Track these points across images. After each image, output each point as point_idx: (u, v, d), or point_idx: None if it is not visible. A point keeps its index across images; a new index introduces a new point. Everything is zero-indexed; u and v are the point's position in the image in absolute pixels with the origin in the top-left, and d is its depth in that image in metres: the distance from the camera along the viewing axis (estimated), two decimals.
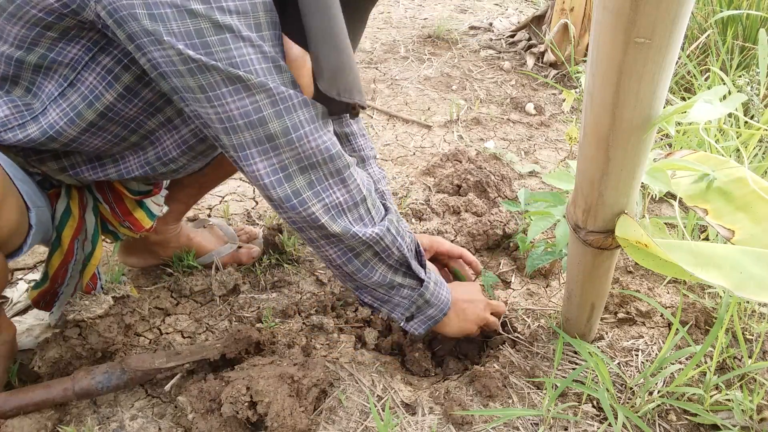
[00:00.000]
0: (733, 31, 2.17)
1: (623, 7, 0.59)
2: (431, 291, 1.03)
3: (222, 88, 0.78)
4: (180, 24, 0.74)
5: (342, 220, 0.90)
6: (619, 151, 0.75)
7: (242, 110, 0.79)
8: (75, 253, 1.10)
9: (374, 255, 0.96)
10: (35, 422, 0.98)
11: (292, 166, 0.84)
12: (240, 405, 0.93)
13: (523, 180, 1.87)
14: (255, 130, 0.81)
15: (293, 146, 0.83)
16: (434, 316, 1.06)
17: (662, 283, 1.39)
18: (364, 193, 0.91)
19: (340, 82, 0.85)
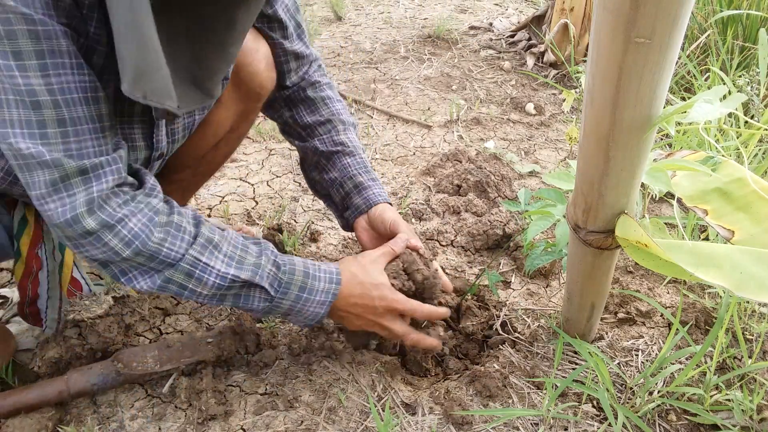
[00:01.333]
0: (733, 31, 2.17)
1: (623, 7, 0.59)
2: (285, 310, 0.95)
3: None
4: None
5: (114, 268, 0.86)
6: (619, 151, 0.75)
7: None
8: (44, 264, 1.09)
9: (176, 293, 0.90)
10: (36, 422, 0.98)
11: (49, 220, 0.80)
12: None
13: (523, 180, 1.87)
14: (19, 176, 0.79)
15: (40, 203, 0.79)
16: (307, 323, 0.99)
17: (662, 283, 1.39)
18: (127, 253, 0.83)
19: (146, 84, 0.76)
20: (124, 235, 0.82)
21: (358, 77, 2.60)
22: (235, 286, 0.91)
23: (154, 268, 0.85)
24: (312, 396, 1.07)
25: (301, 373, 1.11)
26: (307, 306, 0.96)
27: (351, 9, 3.51)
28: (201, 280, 0.88)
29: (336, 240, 1.55)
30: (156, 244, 0.84)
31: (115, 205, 0.82)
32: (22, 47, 0.70)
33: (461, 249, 1.51)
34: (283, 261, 0.95)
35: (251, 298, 0.93)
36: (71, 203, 0.78)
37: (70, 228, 0.79)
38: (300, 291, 0.95)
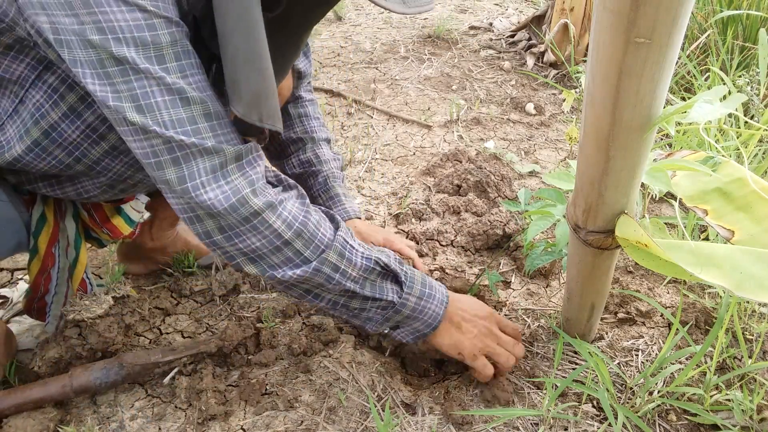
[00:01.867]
0: (733, 31, 2.17)
1: (623, 7, 0.59)
2: (411, 307, 0.97)
3: (122, 126, 0.76)
4: (84, 53, 0.71)
5: (262, 263, 0.87)
6: (619, 151, 0.75)
7: (142, 152, 0.78)
8: (57, 260, 1.09)
9: (310, 289, 0.92)
10: (37, 422, 0.98)
11: (195, 211, 0.81)
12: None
13: (523, 180, 1.87)
14: (156, 173, 0.79)
15: (189, 196, 0.79)
16: (422, 330, 1.00)
17: (662, 283, 1.39)
18: (289, 235, 0.85)
19: (263, 108, 0.80)
20: (286, 216, 0.84)
21: (358, 77, 2.60)
22: (376, 270, 0.93)
23: (307, 257, 0.87)
24: (312, 396, 1.07)
25: (301, 373, 1.11)
26: (430, 304, 0.98)
27: (351, 9, 3.51)
28: (351, 261, 0.90)
29: None
30: (314, 226, 0.87)
31: (273, 190, 0.85)
32: (164, 52, 0.74)
33: (461, 249, 1.51)
34: (402, 264, 0.99)
35: (385, 289, 0.95)
36: (233, 188, 0.80)
37: (235, 212, 0.80)
38: (422, 287, 0.97)
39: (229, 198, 0.80)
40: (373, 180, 1.85)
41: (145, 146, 0.77)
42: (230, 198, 0.80)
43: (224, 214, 0.80)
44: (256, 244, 0.84)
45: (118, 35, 0.71)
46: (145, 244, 1.35)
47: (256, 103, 0.79)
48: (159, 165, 0.78)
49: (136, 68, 0.72)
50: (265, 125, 0.81)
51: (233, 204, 0.80)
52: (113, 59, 0.71)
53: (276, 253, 0.85)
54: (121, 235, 1.20)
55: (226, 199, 0.80)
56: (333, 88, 2.47)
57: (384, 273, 0.95)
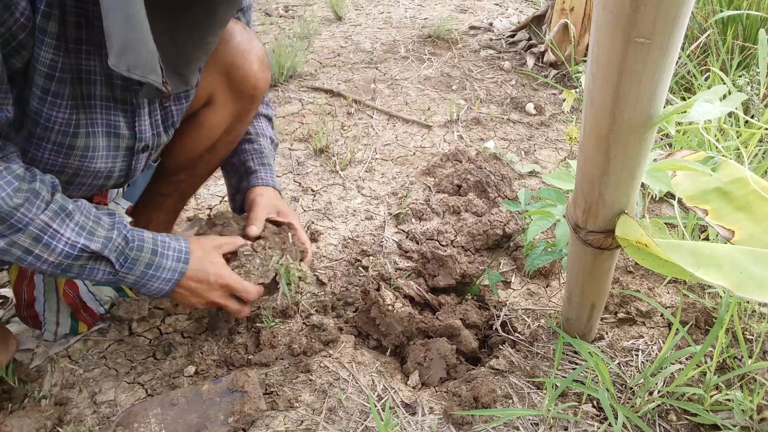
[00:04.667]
0: (733, 31, 2.17)
1: (623, 7, 0.59)
2: (131, 282, 0.95)
3: None
4: None
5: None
6: (619, 151, 0.75)
7: None
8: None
9: (18, 258, 0.86)
10: (35, 421, 0.98)
11: None
12: None
13: (523, 180, 1.87)
14: None
15: None
16: (153, 294, 0.99)
17: (662, 283, 1.39)
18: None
19: (131, 58, 0.77)
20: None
21: (358, 77, 2.60)
22: (83, 257, 0.89)
23: (4, 234, 0.82)
24: (312, 396, 1.07)
25: (301, 373, 1.11)
26: (151, 282, 0.96)
27: (351, 9, 3.51)
28: (49, 246, 0.85)
29: (336, 240, 1.55)
30: (11, 208, 0.80)
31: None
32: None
33: (461, 249, 1.51)
34: (133, 236, 0.94)
35: (96, 270, 0.91)
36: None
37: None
38: (146, 268, 0.95)
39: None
40: (373, 180, 1.85)
41: None
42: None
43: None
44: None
45: None
46: None
47: (124, 51, 0.76)
48: None
49: None
50: (133, 75, 0.78)
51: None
52: None
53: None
54: None
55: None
56: (333, 88, 2.47)
57: (94, 257, 0.91)
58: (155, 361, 1.17)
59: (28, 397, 1.06)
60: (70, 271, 0.90)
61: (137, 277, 0.95)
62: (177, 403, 1.01)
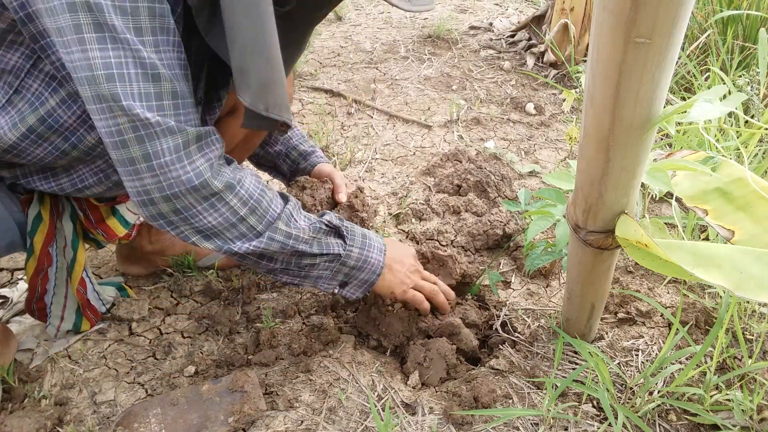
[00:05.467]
0: (733, 31, 2.17)
1: (623, 7, 0.59)
2: (355, 257, 1.02)
3: (91, 105, 0.77)
4: (66, 17, 0.71)
5: (217, 239, 0.89)
6: (619, 151, 0.75)
7: (107, 130, 0.78)
8: (54, 260, 1.09)
9: (260, 259, 0.95)
10: (35, 421, 0.98)
11: (154, 193, 0.82)
12: None
13: (523, 180, 1.87)
14: (118, 152, 0.80)
15: (154, 173, 0.80)
16: (368, 279, 1.05)
17: (662, 283, 1.39)
18: (243, 212, 0.89)
19: (270, 98, 0.81)
20: (242, 194, 0.88)
21: (358, 77, 2.60)
22: (323, 229, 0.99)
23: (260, 231, 0.91)
24: (312, 396, 1.07)
25: (301, 373, 1.11)
26: (370, 253, 1.04)
27: (351, 9, 3.51)
28: (299, 226, 0.95)
29: None
30: (267, 203, 0.91)
31: (229, 169, 0.87)
32: (141, 24, 0.74)
33: (461, 249, 1.51)
34: (341, 219, 1.05)
35: (330, 244, 1.00)
36: (195, 169, 0.82)
37: (197, 192, 0.83)
38: (362, 238, 1.03)
39: (192, 180, 0.82)
40: (373, 180, 1.85)
41: (110, 125, 0.77)
42: (193, 179, 0.82)
43: (188, 192, 0.82)
44: (212, 222, 0.87)
45: (101, 2, 0.71)
46: (143, 247, 1.35)
47: (263, 92, 0.80)
48: (123, 143, 0.78)
49: (115, 37, 0.72)
50: (271, 115, 0.82)
51: (195, 186, 0.82)
52: (94, 25, 0.71)
53: (231, 230, 0.89)
54: (115, 236, 1.19)
55: (189, 180, 0.82)
56: (333, 88, 2.47)
57: (329, 230, 1.01)
58: (155, 361, 1.17)
59: (28, 397, 1.06)
60: (312, 248, 0.98)
61: (359, 249, 1.02)
62: (177, 403, 1.01)
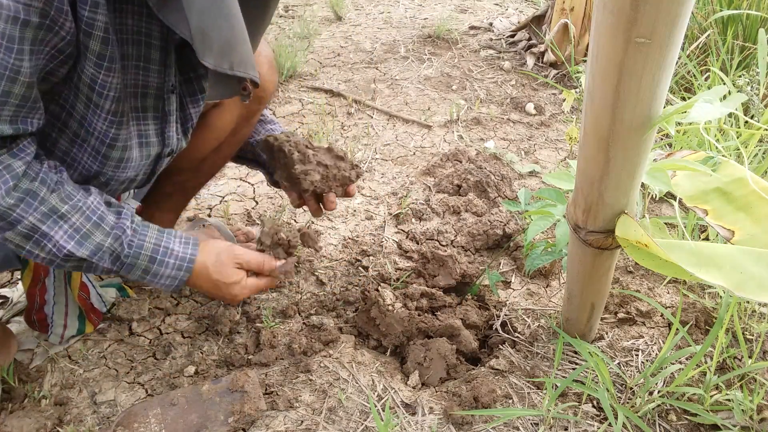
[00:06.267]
0: (733, 31, 2.17)
1: (623, 7, 0.59)
2: (136, 277, 0.94)
3: None
4: None
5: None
6: (619, 151, 0.75)
7: None
8: (51, 270, 1.09)
9: (16, 250, 0.86)
10: (35, 421, 0.98)
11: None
12: None
13: (523, 180, 1.87)
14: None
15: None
16: (169, 284, 0.97)
17: (662, 283, 1.39)
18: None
19: (234, 55, 0.78)
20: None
21: (358, 77, 2.60)
22: (72, 260, 0.88)
23: (2, 227, 0.81)
24: (312, 396, 1.07)
25: (301, 373, 1.11)
26: (155, 280, 0.95)
27: (351, 9, 3.51)
28: (39, 244, 0.84)
29: (336, 240, 1.55)
30: (5, 208, 0.80)
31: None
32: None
33: (461, 249, 1.51)
34: (131, 242, 0.92)
35: (94, 268, 0.90)
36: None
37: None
38: (144, 273, 0.94)
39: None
40: (373, 180, 1.85)
41: None
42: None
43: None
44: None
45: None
46: None
47: (226, 51, 0.77)
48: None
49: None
50: (237, 73, 0.79)
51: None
52: None
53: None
54: None
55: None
56: (333, 88, 2.47)
57: (87, 264, 0.90)
58: (155, 361, 1.17)
59: (28, 397, 1.06)
60: (65, 267, 0.89)
61: (139, 277, 0.94)
62: (177, 403, 1.01)
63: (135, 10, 0.81)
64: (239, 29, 0.79)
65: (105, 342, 1.20)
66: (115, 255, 0.90)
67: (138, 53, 0.85)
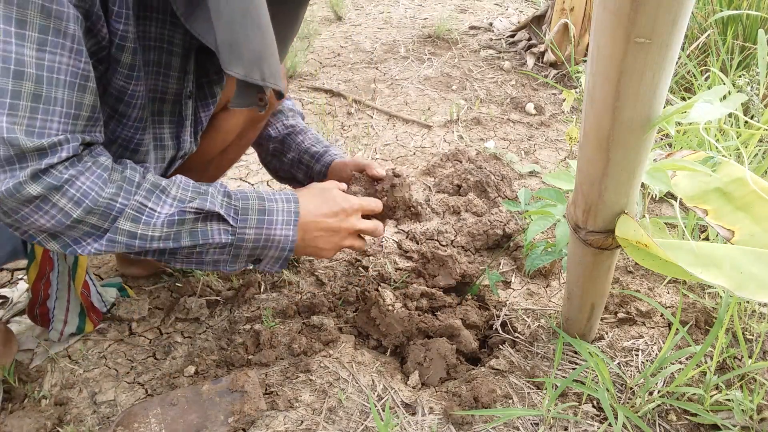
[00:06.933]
0: (733, 31, 2.17)
1: (623, 7, 0.59)
2: (253, 239, 0.90)
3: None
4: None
5: (61, 239, 0.81)
6: (619, 151, 0.75)
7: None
8: (56, 265, 1.09)
9: (128, 251, 0.84)
10: (35, 421, 0.98)
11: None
12: None
13: (523, 180, 1.87)
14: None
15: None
16: (281, 255, 0.94)
17: (662, 283, 1.39)
18: (77, 213, 0.78)
19: (265, 67, 0.78)
20: (73, 194, 0.77)
21: (358, 77, 2.60)
22: (188, 220, 0.85)
23: (106, 228, 0.80)
24: (312, 396, 1.07)
25: (301, 373, 1.11)
26: (273, 230, 0.91)
27: (351, 9, 3.51)
28: (149, 223, 0.82)
29: None
30: (107, 200, 0.79)
31: (61, 167, 0.77)
32: (28, 18, 0.69)
33: (461, 249, 1.51)
34: (234, 192, 0.91)
35: (210, 232, 0.87)
36: (15, 174, 0.73)
37: (12, 197, 0.74)
38: (260, 215, 0.90)
39: (6, 183, 0.73)
40: None
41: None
42: (7, 183, 0.73)
43: (2, 197, 0.73)
44: (46, 224, 0.78)
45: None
46: None
47: (258, 61, 0.77)
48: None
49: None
50: (267, 84, 0.79)
51: (9, 189, 0.73)
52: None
53: (71, 231, 0.80)
54: None
55: (3, 183, 0.73)
56: (333, 88, 2.47)
57: (203, 217, 0.87)
58: (155, 361, 1.17)
59: (28, 397, 1.06)
60: (180, 241, 0.85)
61: (256, 229, 0.90)
62: (177, 403, 1.01)
63: (159, 18, 0.82)
64: (270, 41, 0.79)
65: (105, 342, 1.20)
66: (226, 203, 0.88)
67: (159, 60, 0.86)
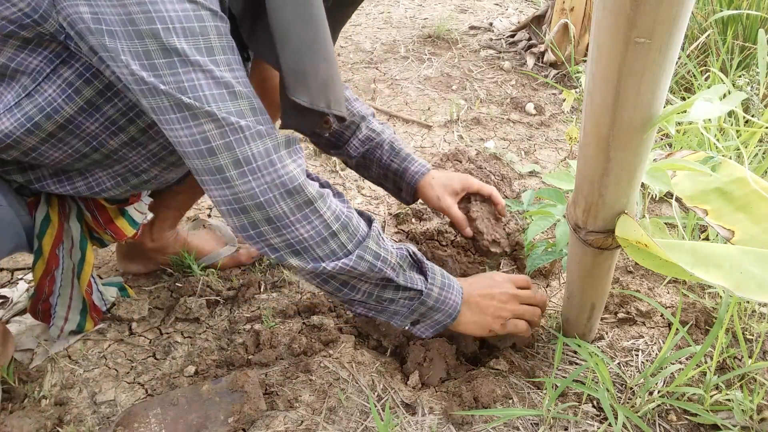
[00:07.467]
0: (733, 31, 2.17)
1: (623, 7, 0.59)
2: (434, 297, 0.98)
3: (170, 114, 0.74)
4: (130, 44, 0.71)
5: (307, 255, 0.85)
6: (619, 151, 0.75)
7: (190, 138, 0.76)
8: (61, 262, 1.09)
9: (348, 280, 0.91)
10: (35, 421, 0.98)
11: (246, 201, 0.78)
12: None
13: (523, 180, 1.86)
14: (204, 160, 0.77)
15: (245, 180, 0.77)
16: (442, 320, 1.01)
17: (662, 283, 1.38)
18: (336, 227, 0.84)
19: (330, 95, 0.82)
20: (334, 208, 0.84)
21: (358, 77, 2.60)
22: (408, 259, 0.95)
23: (350, 249, 0.87)
24: (312, 396, 1.07)
25: (301, 373, 1.11)
26: (450, 294, 0.99)
27: None
28: (388, 249, 0.91)
29: None
30: (357, 221, 0.88)
31: (315, 183, 0.84)
32: (212, 44, 0.73)
33: (461, 249, 1.51)
34: (420, 258, 1.00)
35: (414, 279, 0.96)
36: (289, 173, 0.79)
37: (291, 197, 0.79)
38: (442, 277, 0.99)
39: (285, 183, 0.78)
40: None
41: (195, 132, 0.75)
42: (286, 183, 0.78)
43: (277, 200, 0.79)
44: (304, 235, 0.82)
45: (168, 25, 0.70)
46: (144, 245, 1.35)
47: (324, 90, 0.80)
48: (210, 151, 0.75)
49: (185, 60, 0.72)
50: (333, 111, 0.83)
51: (294, 188, 0.79)
52: (162, 50, 0.71)
53: (322, 245, 0.84)
54: (124, 236, 1.20)
55: (282, 184, 0.78)
56: None
57: (412, 263, 0.97)
58: (155, 361, 1.17)
59: (28, 397, 1.06)
60: (398, 278, 0.93)
61: (439, 288, 0.98)
62: (177, 403, 1.01)
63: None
64: (335, 70, 0.83)
65: (105, 342, 1.20)
66: (420, 265, 0.98)
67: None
